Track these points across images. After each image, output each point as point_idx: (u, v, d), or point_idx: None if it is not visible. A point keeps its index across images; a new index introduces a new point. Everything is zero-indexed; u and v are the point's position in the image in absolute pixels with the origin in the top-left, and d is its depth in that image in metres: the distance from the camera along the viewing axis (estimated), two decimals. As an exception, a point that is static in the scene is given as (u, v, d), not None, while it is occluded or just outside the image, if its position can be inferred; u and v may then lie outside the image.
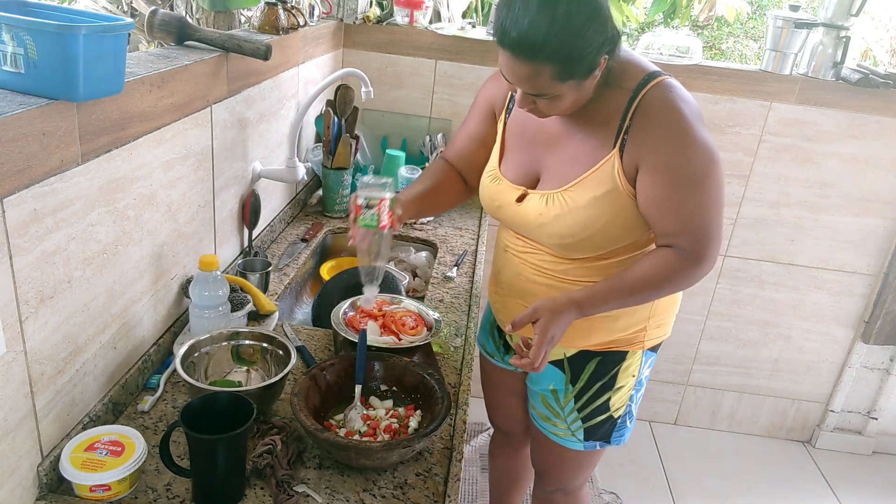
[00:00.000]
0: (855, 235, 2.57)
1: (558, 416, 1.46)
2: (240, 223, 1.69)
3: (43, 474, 1.00)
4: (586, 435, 1.46)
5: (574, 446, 1.48)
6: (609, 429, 1.46)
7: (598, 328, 1.35)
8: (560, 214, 1.25)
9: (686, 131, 1.18)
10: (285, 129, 1.93)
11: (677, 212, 1.21)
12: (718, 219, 1.23)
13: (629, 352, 1.39)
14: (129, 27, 0.98)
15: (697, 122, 1.19)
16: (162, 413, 1.21)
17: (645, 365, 1.43)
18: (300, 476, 1.09)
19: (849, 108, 2.39)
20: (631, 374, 1.41)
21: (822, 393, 2.84)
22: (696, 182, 1.19)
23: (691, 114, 1.19)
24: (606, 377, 1.40)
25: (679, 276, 1.24)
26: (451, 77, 2.46)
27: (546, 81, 1.12)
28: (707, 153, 1.19)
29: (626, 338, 1.38)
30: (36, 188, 0.90)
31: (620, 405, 1.43)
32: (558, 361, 1.41)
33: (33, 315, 0.94)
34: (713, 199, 1.21)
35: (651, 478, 2.62)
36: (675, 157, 1.18)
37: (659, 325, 1.41)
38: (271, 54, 1.47)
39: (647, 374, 1.45)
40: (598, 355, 1.39)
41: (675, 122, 1.18)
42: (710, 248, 1.22)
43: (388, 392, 1.27)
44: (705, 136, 1.19)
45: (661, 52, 2.45)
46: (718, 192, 1.21)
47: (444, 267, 1.90)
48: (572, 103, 1.19)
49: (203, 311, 1.29)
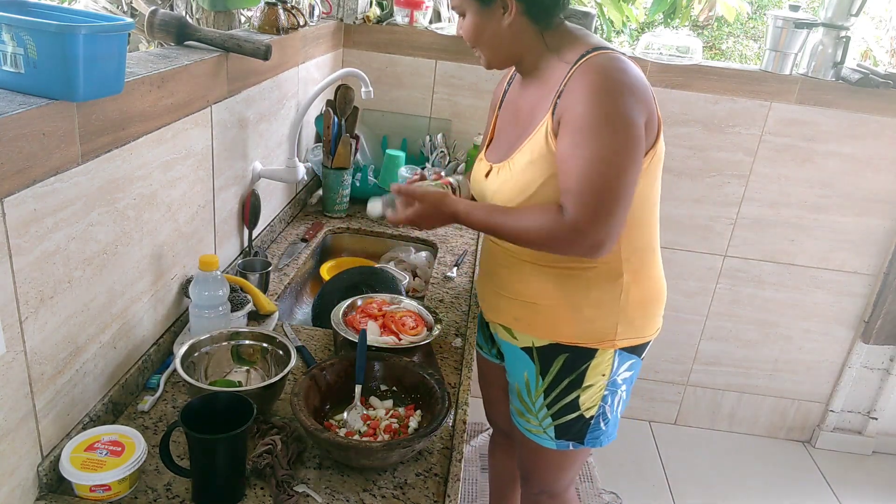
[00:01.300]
0: (855, 235, 2.57)
1: (530, 410, 1.45)
2: (240, 223, 1.69)
3: (43, 474, 1.00)
4: (557, 433, 1.43)
5: (546, 444, 1.46)
6: (581, 429, 1.42)
7: (563, 317, 1.34)
8: (505, 181, 1.29)
9: (599, 89, 1.15)
10: (285, 129, 1.93)
11: (566, 165, 1.16)
12: (609, 187, 1.14)
13: (599, 350, 1.35)
14: (129, 27, 0.98)
15: (621, 91, 1.16)
16: (162, 413, 1.21)
17: (620, 366, 1.38)
18: (300, 476, 1.09)
19: (849, 108, 2.39)
20: (601, 373, 1.37)
21: (822, 393, 2.84)
22: (587, 134, 1.14)
23: (618, 81, 1.16)
24: (574, 374, 1.37)
25: (553, 236, 1.18)
26: (451, 77, 2.46)
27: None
28: (615, 115, 1.14)
29: (594, 334, 1.34)
30: (36, 188, 0.90)
31: (591, 405, 1.40)
32: (528, 349, 1.41)
33: (33, 315, 0.94)
34: (605, 159, 1.13)
35: (651, 478, 2.62)
36: (579, 110, 1.15)
37: (631, 325, 1.35)
38: (271, 54, 1.47)
39: (625, 376, 1.40)
40: (567, 350, 1.36)
41: (594, 81, 1.16)
42: (591, 219, 1.14)
43: (388, 392, 1.27)
44: (624, 103, 1.15)
45: (661, 52, 2.45)
46: (614, 156, 1.13)
47: (444, 267, 1.90)
48: (479, 32, 1.27)
49: (203, 311, 1.29)
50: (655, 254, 1.40)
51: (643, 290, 1.36)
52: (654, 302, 1.40)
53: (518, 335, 1.42)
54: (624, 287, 1.32)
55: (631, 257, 1.32)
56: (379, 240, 2.10)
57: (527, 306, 1.38)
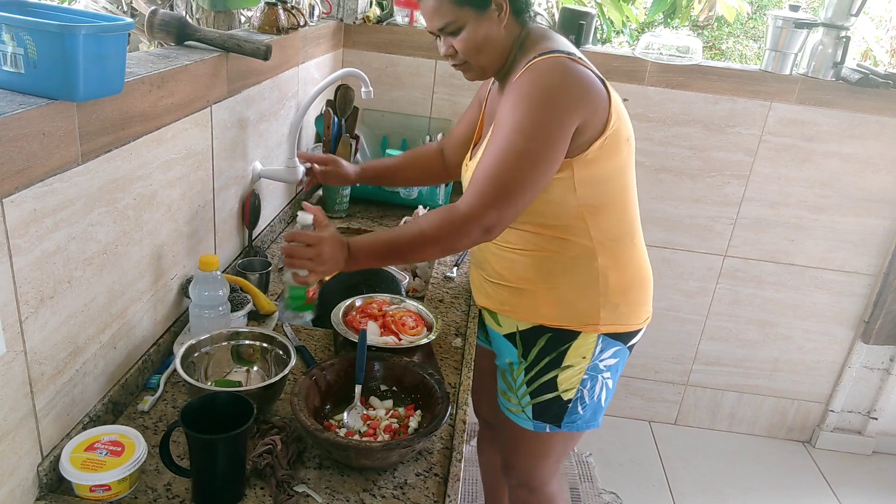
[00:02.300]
0: (855, 235, 2.57)
1: (511, 390, 1.48)
2: (240, 223, 1.69)
3: (43, 474, 1.00)
4: (535, 413, 1.45)
5: (524, 424, 1.48)
6: (558, 411, 1.45)
7: (543, 299, 1.38)
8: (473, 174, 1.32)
9: (525, 93, 1.19)
10: (285, 129, 1.93)
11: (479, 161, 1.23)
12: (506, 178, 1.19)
13: (582, 333, 1.39)
14: (129, 27, 0.98)
15: (548, 94, 1.18)
16: (162, 413, 1.21)
17: (604, 352, 1.41)
18: (300, 476, 1.09)
19: (849, 108, 2.39)
20: (581, 356, 1.40)
21: (822, 393, 2.84)
22: (503, 130, 1.20)
23: (547, 85, 1.19)
24: (554, 353, 1.40)
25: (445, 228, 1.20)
26: (451, 77, 2.46)
27: (447, 7, 1.24)
28: (536, 115, 1.18)
29: (578, 317, 1.38)
30: (36, 188, 0.90)
31: (570, 387, 1.42)
32: (511, 335, 1.45)
33: (33, 315, 0.94)
34: (510, 151, 1.18)
35: (651, 478, 2.62)
36: (502, 113, 1.22)
37: (614, 311, 1.38)
38: (271, 54, 1.47)
39: (609, 363, 1.43)
40: (549, 331, 1.40)
41: (522, 85, 1.20)
42: (482, 204, 1.18)
43: (388, 392, 1.27)
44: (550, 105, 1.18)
45: (661, 52, 2.45)
46: (522, 151, 1.18)
47: (444, 267, 1.90)
48: (482, 41, 1.26)
49: (203, 311, 1.29)
50: (634, 241, 1.41)
51: (624, 276, 1.38)
52: (637, 289, 1.43)
53: (502, 320, 1.46)
54: (601, 271, 1.35)
55: (605, 241, 1.35)
56: (379, 240, 2.09)
57: (511, 290, 1.42)
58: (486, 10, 1.24)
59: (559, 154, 1.22)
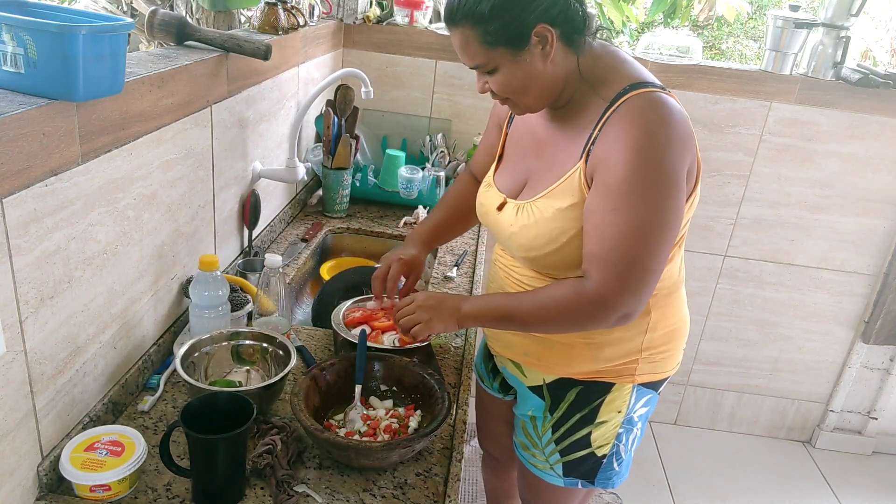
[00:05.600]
0: (855, 235, 2.57)
1: (536, 445, 1.34)
2: (240, 223, 1.69)
3: (43, 474, 1.00)
4: (566, 470, 1.32)
5: (553, 481, 1.35)
6: (592, 468, 1.32)
7: (580, 355, 1.24)
8: (526, 225, 1.17)
9: (641, 147, 1.03)
10: (285, 129, 1.93)
11: (597, 228, 1.06)
12: (643, 258, 1.05)
13: (616, 384, 1.25)
14: (129, 27, 0.98)
15: (665, 147, 1.04)
16: (162, 413, 1.21)
17: (637, 402, 1.28)
18: (300, 476, 1.09)
19: (849, 108, 2.39)
20: (616, 410, 1.27)
21: (821, 393, 2.84)
22: (626, 198, 1.03)
23: (663, 136, 1.04)
24: (587, 409, 1.27)
25: (575, 310, 1.10)
26: (451, 77, 2.46)
27: (476, 48, 1.08)
28: (658, 176, 1.03)
29: (612, 369, 1.24)
30: (36, 188, 0.90)
31: (604, 443, 1.29)
32: (537, 387, 1.31)
33: (33, 315, 0.94)
34: (642, 227, 1.04)
35: (651, 478, 2.62)
36: (617, 169, 1.04)
37: (655, 361, 1.26)
38: (271, 54, 1.47)
39: (641, 412, 1.31)
40: (579, 384, 1.26)
41: (635, 137, 1.04)
42: (619, 290, 1.06)
43: (388, 392, 1.27)
44: (668, 160, 1.04)
45: (661, 52, 2.45)
46: (654, 224, 1.04)
47: (444, 267, 1.90)
48: (521, 81, 1.10)
49: (203, 311, 1.29)
50: (679, 287, 1.29)
51: (668, 325, 1.26)
52: (677, 337, 1.30)
53: (528, 372, 1.32)
54: (650, 325, 1.23)
55: (660, 293, 1.22)
56: (379, 240, 2.10)
57: (540, 342, 1.27)
58: (525, 47, 1.06)
59: (682, 213, 1.08)
